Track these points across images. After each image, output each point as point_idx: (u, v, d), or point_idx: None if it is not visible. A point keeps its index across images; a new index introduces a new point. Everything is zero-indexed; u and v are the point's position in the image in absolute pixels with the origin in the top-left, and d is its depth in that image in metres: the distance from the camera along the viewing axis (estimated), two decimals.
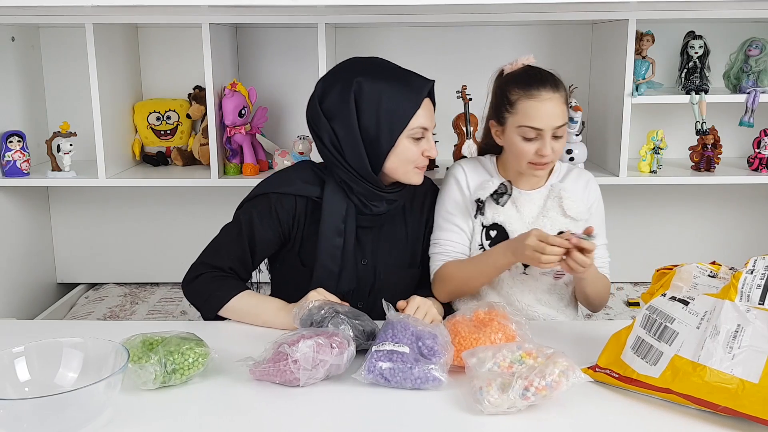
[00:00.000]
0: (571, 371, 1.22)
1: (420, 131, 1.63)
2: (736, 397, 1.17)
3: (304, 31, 2.51)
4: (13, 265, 2.47)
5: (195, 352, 1.31)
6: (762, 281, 1.25)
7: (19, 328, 1.74)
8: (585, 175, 1.79)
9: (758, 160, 2.34)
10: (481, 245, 1.71)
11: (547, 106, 1.61)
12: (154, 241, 2.74)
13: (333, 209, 1.65)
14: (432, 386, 1.28)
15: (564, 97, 1.64)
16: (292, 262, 1.72)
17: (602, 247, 1.76)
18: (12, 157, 2.33)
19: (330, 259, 1.66)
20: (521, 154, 1.64)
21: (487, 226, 1.71)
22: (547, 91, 1.61)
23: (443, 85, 2.47)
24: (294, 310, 1.47)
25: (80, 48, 2.30)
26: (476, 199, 1.71)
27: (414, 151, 1.63)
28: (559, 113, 1.62)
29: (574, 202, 1.69)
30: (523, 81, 1.64)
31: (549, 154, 1.62)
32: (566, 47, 2.54)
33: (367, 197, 1.65)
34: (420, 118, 1.62)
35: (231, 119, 2.30)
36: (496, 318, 1.41)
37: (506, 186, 1.70)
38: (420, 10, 2.09)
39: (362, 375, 1.29)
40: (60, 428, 1.14)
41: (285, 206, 1.67)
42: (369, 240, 1.72)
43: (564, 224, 1.69)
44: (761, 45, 2.25)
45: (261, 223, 1.66)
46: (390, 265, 1.74)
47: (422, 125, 1.62)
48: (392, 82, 1.62)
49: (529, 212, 1.71)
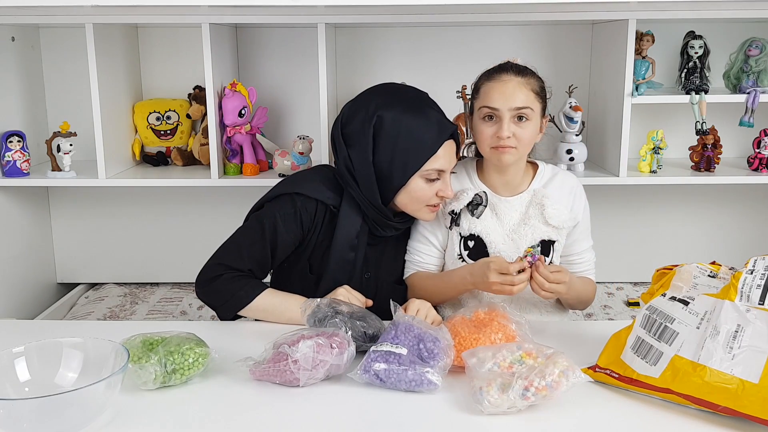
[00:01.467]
0: (571, 371, 1.22)
1: (435, 173, 1.61)
2: (736, 397, 1.17)
3: (304, 31, 2.51)
4: (13, 265, 2.47)
5: (195, 352, 1.31)
6: (762, 281, 1.25)
7: (19, 328, 1.74)
8: (570, 180, 1.74)
9: (758, 160, 2.34)
10: (459, 255, 1.69)
11: (506, 86, 1.59)
12: (154, 241, 2.74)
13: (348, 223, 1.65)
14: (426, 389, 1.27)
15: (531, 84, 1.62)
16: (301, 266, 1.70)
17: (587, 251, 1.76)
18: (12, 157, 2.33)
19: (340, 271, 1.66)
20: (482, 137, 1.63)
21: (465, 236, 1.69)
22: (508, 75, 1.61)
23: (443, 85, 2.49)
24: (301, 306, 1.47)
25: (80, 48, 2.30)
26: (450, 211, 1.68)
27: (426, 191, 1.62)
28: (519, 95, 1.59)
29: (557, 210, 1.66)
30: (490, 69, 1.66)
31: (506, 137, 1.58)
32: (566, 47, 2.54)
33: (376, 222, 1.66)
34: (438, 160, 1.60)
35: (231, 119, 2.30)
36: (496, 318, 1.41)
37: (481, 197, 1.66)
38: (420, 10, 2.09)
39: (358, 374, 1.29)
40: (60, 428, 1.14)
41: (309, 209, 1.65)
42: (374, 255, 1.73)
43: (545, 233, 1.67)
44: (761, 45, 2.25)
45: (285, 226, 1.63)
46: (390, 279, 1.76)
47: (438, 167, 1.61)
48: (413, 119, 1.59)
49: (510, 220, 1.68)
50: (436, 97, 1.70)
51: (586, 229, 1.75)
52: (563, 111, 2.31)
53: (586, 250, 1.76)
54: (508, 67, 1.64)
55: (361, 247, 1.67)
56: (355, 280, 1.68)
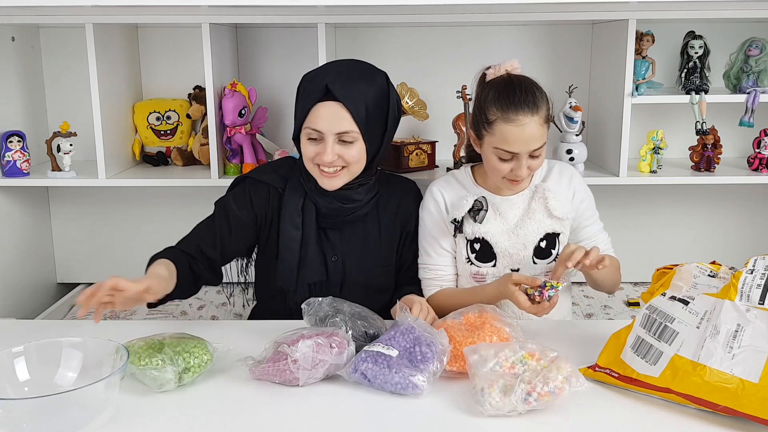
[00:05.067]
0: (575, 378, 1.21)
1: (312, 132, 1.61)
2: (735, 396, 1.17)
3: (304, 31, 2.51)
4: (13, 265, 2.47)
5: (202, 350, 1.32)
6: (762, 281, 1.25)
7: (19, 328, 1.74)
8: (567, 170, 1.75)
9: (758, 160, 2.34)
10: (467, 258, 1.70)
11: (525, 131, 1.54)
12: (154, 241, 2.72)
13: (290, 204, 1.70)
14: (411, 393, 1.27)
15: (543, 115, 1.57)
16: (269, 254, 1.76)
17: (599, 232, 1.77)
18: (12, 157, 2.33)
19: (288, 251, 1.70)
20: (496, 171, 1.61)
21: (471, 240, 1.69)
22: (525, 115, 1.54)
23: (443, 85, 2.50)
24: (303, 307, 1.48)
25: (80, 48, 2.30)
26: (452, 220, 1.67)
27: (308, 151, 1.63)
28: (536, 136, 1.56)
29: (560, 202, 1.67)
30: (501, 101, 1.56)
31: (524, 175, 1.59)
32: (566, 47, 2.54)
33: (319, 194, 1.69)
34: (312, 119, 1.60)
35: (231, 119, 2.30)
36: (488, 320, 1.42)
37: (481, 202, 1.66)
38: (420, 10, 2.09)
39: (347, 373, 1.30)
40: (60, 428, 1.14)
41: (258, 192, 1.72)
42: (338, 238, 1.74)
43: (550, 226, 1.67)
44: (761, 45, 2.25)
45: (236, 205, 1.71)
46: (361, 263, 1.76)
47: (313, 126, 1.60)
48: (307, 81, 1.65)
49: (512, 217, 1.68)
50: (436, 97, 1.70)
51: (593, 213, 1.76)
52: (563, 111, 2.31)
53: (598, 232, 1.76)
54: (523, 104, 1.55)
55: (308, 225, 1.69)
56: (312, 262, 1.70)
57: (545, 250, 1.68)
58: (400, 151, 2.36)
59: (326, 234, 1.73)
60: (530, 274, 1.67)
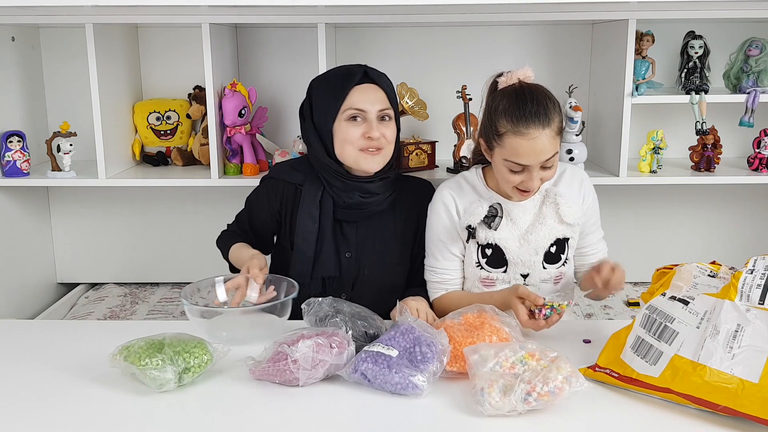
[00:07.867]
0: (575, 378, 1.21)
1: (354, 111, 1.68)
2: (735, 396, 1.17)
3: (304, 31, 2.51)
4: (13, 265, 2.46)
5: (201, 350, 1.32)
6: (762, 281, 1.25)
7: (19, 328, 1.74)
8: (578, 174, 1.74)
9: (758, 160, 2.34)
10: (478, 263, 1.69)
11: (536, 145, 1.51)
12: (154, 241, 2.74)
13: (308, 197, 1.75)
14: (411, 393, 1.27)
15: (556, 128, 1.54)
16: (284, 244, 1.84)
17: (600, 241, 1.77)
18: (12, 157, 2.33)
19: (304, 243, 1.75)
20: (507, 182, 1.60)
21: (483, 245, 1.67)
22: (536, 129, 1.51)
23: (443, 85, 2.49)
24: (303, 307, 1.48)
25: (80, 48, 2.30)
26: (467, 226, 1.65)
27: (351, 132, 1.68)
28: (548, 148, 1.53)
29: (571, 208, 1.65)
30: (512, 113, 1.53)
31: (535, 187, 1.58)
32: (566, 47, 2.54)
33: (340, 189, 1.73)
34: (352, 98, 1.68)
35: (231, 119, 2.30)
36: (487, 321, 1.41)
37: (496, 209, 1.64)
38: (420, 10, 2.09)
39: (347, 373, 1.30)
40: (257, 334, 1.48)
41: (274, 190, 1.81)
42: (354, 234, 1.77)
43: (560, 231, 1.66)
44: (761, 45, 2.25)
45: (257, 204, 1.85)
46: (376, 260, 1.78)
47: (356, 106, 1.67)
48: (328, 73, 1.80)
49: (524, 222, 1.66)
50: (436, 96, 1.71)
51: (597, 220, 1.76)
52: (563, 111, 2.31)
53: (598, 241, 1.76)
54: (534, 116, 1.51)
55: (325, 219, 1.74)
56: (326, 256, 1.75)
57: (555, 255, 1.67)
58: (400, 151, 2.36)
59: (342, 230, 1.77)
60: (540, 278, 1.67)
